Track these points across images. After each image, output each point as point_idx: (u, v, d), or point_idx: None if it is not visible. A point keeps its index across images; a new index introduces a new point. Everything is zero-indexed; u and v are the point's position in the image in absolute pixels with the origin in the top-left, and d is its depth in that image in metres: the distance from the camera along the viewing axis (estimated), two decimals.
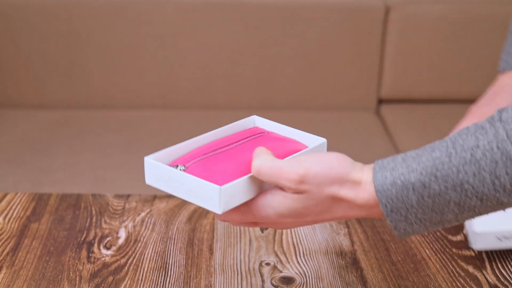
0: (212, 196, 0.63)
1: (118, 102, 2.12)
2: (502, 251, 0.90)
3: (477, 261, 0.88)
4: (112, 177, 1.76)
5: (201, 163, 0.67)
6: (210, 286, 0.82)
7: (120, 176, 1.75)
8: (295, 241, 0.92)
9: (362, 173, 0.64)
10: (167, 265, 0.86)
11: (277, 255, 0.89)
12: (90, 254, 0.88)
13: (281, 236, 0.93)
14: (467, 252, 0.90)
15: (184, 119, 2.07)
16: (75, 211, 0.98)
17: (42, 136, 1.96)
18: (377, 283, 0.84)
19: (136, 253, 0.89)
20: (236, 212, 0.67)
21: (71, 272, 0.84)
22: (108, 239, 0.92)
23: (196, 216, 0.97)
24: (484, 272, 0.86)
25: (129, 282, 0.83)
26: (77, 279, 0.83)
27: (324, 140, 0.73)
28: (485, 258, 0.89)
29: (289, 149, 0.71)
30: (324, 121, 2.08)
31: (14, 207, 0.98)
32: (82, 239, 0.91)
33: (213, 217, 0.97)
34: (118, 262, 0.87)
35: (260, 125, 0.78)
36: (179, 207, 1.00)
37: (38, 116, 2.07)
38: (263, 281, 0.84)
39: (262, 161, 0.65)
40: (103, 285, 0.82)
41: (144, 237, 0.92)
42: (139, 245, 0.91)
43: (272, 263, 0.87)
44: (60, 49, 2.05)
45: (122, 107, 2.12)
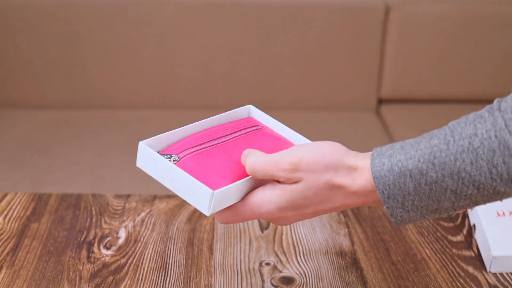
0: (203, 198, 0.63)
1: (118, 102, 2.12)
2: None
3: (477, 262, 0.88)
4: (112, 177, 1.76)
5: (195, 158, 0.67)
6: (210, 286, 0.82)
7: (120, 176, 1.75)
8: (295, 241, 0.92)
9: (357, 159, 0.64)
10: (167, 265, 0.86)
11: (277, 255, 0.89)
12: (90, 254, 0.88)
13: (281, 236, 0.93)
14: (467, 253, 0.90)
15: (184, 119, 2.05)
16: (75, 211, 0.98)
17: (42, 136, 1.96)
18: (377, 283, 0.84)
19: (136, 253, 0.89)
20: (236, 213, 0.67)
21: (71, 272, 0.84)
22: (108, 239, 0.92)
23: (196, 216, 0.97)
24: (484, 273, 0.86)
25: (129, 282, 0.83)
26: (77, 279, 0.83)
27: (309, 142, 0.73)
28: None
29: (282, 148, 0.71)
30: (324, 121, 2.08)
31: (14, 207, 0.98)
32: (82, 239, 0.91)
33: (213, 217, 0.97)
34: (118, 262, 0.87)
35: (255, 116, 0.78)
36: (179, 207, 1.00)
37: (38, 116, 2.07)
38: (263, 281, 0.84)
39: (255, 158, 0.66)
40: (103, 285, 0.82)
41: (144, 237, 0.92)
42: (139, 245, 0.91)
43: (272, 263, 0.87)
44: (60, 49, 2.05)
45: (122, 107, 2.12)
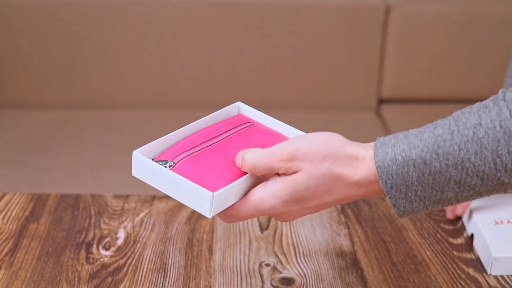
0: (204, 201, 0.63)
1: (118, 102, 2.12)
2: None
3: (478, 264, 0.88)
4: (111, 177, 1.76)
5: (190, 161, 0.67)
6: (210, 287, 0.82)
7: (119, 176, 1.74)
8: (295, 242, 0.92)
9: (359, 149, 0.64)
10: (167, 266, 0.86)
11: (277, 256, 0.89)
12: (89, 255, 0.88)
13: (281, 237, 0.93)
14: (468, 255, 0.90)
15: (184, 119, 2.03)
16: (74, 212, 0.98)
17: (42, 136, 1.95)
18: (378, 284, 0.83)
19: (135, 254, 0.88)
20: (238, 211, 0.66)
21: (70, 273, 0.84)
22: (107, 240, 0.91)
23: (196, 217, 0.97)
24: (485, 275, 0.86)
25: (128, 283, 0.82)
26: (76, 280, 0.82)
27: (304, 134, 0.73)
28: None
29: (276, 142, 0.71)
30: (324, 121, 2.08)
31: (13, 208, 0.98)
32: (81, 240, 0.91)
33: (213, 218, 0.97)
34: (117, 263, 0.86)
35: (245, 113, 0.78)
36: (178, 208, 0.99)
37: (38, 116, 2.06)
38: (263, 282, 0.83)
39: (254, 153, 0.66)
40: (102, 286, 0.82)
41: (143, 238, 0.92)
42: (138, 246, 0.90)
43: (272, 264, 0.87)
44: (60, 49, 2.05)
45: (122, 107, 2.12)
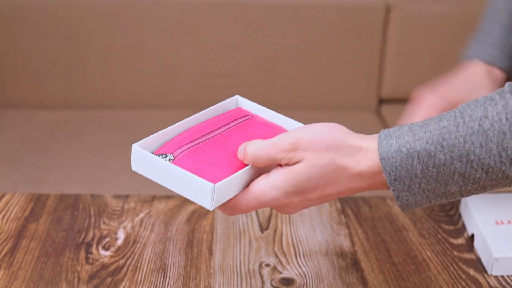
0: (205, 193, 0.62)
1: (117, 102, 2.11)
2: None
3: (478, 265, 0.88)
4: (111, 177, 1.75)
5: (190, 154, 0.67)
6: (210, 287, 0.82)
7: (119, 176, 1.74)
8: (295, 242, 0.92)
9: (362, 140, 0.64)
10: (166, 266, 0.86)
11: (277, 256, 0.88)
12: (89, 255, 0.88)
13: (281, 237, 0.93)
14: (468, 255, 0.90)
15: (184, 119, 2.06)
16: (74, 212, 0.97)
17: (41, 136, 1.95)
18: (378, 284, 0.83)
19: (135, 254, 0.88)
20: (240, 203, 0.66)
21: (70, 273, 0.84)
22: (107, 240, 0.91)
23: (196, 217, 0.97)
24: (485, 275, 0.86)
25: (128, 283, 0.82)
26: (76, 280, 0.82)
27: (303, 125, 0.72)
28: None
29: (275, 134, 0.71)
30: (324, 121, 2.07)
31: (12, 208, 0.98)
32: (81, 240, 0.91)
33: (213, 218, 0.96)
34: (117, 263, 0.86)
35: (243, 106, 0.78)
36: (178, 208, 0.99)
37: (37, 116, 2.06)
38: (263, 282, 0.83)
39: (255, 145, 0.65)
40: (102, 286, 0.81)
41: (143, 238, 0.92)
42: (138, 246, 0.90)
43: (272, 264, 0.87)
44: (60, 49, 2.05)
45: (121, 107, 2.11)
